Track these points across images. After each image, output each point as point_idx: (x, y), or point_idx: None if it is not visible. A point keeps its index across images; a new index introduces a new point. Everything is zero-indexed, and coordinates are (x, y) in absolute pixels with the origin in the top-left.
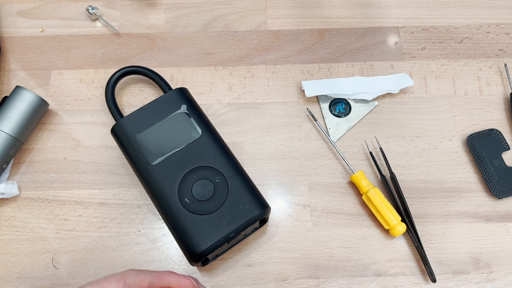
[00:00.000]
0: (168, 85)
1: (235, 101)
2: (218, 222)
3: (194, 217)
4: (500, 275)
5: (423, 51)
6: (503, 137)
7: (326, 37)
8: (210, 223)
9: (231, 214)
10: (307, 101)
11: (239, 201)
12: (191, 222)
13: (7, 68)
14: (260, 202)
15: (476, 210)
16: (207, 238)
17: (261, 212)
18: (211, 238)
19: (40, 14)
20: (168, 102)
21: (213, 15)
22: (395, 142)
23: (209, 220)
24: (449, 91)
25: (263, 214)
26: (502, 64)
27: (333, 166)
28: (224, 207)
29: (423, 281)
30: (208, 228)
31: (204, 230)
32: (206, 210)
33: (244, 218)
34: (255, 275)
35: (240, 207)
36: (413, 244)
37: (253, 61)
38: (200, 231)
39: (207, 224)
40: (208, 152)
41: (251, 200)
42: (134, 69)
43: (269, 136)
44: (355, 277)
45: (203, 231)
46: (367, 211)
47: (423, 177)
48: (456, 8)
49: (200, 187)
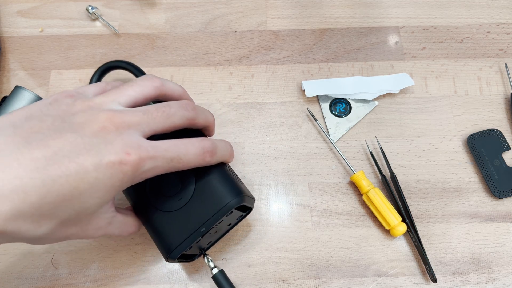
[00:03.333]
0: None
1: (235, 101)
2: (187, 218)
3: (163, 215)
4: (501, 275)
5: (423, 51)
6: (504, 137)
7: (326, 37)
8: (179, 220)
9: (201, 208)
10: (307, 101)
11: (209, 193)
12: (161, 220)
13: (6, 68)
14: (232, 191)
15: (476, 210)
16: (176, 237)
17: (233, 201)
18: (180, 236)
19: (39, 14)
20: None
21: (213, 14)
22: (395, 142)
23: (178, 216)
24: (449, 91)
25: (237, 203)
26: (502, 64)
27: (333, 166)
28: (192, 201)
29: (424, 282)
30: (177, 225)
31: (173, 228)
32: (174, 206)
33: (214, 210)
34: (255, 275)
35: (210, 199)
36: (413, 244)
37: (253, 61)
38: (169, 229)
39: (176, 221)
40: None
41: (222, 190)
42: (112, 64)
43: (269, 136)
44: (355, 277)
45: (172, 229)
46: (367, 211)
47: (423, 177)
48: (457, 8)
49: (167, 182)
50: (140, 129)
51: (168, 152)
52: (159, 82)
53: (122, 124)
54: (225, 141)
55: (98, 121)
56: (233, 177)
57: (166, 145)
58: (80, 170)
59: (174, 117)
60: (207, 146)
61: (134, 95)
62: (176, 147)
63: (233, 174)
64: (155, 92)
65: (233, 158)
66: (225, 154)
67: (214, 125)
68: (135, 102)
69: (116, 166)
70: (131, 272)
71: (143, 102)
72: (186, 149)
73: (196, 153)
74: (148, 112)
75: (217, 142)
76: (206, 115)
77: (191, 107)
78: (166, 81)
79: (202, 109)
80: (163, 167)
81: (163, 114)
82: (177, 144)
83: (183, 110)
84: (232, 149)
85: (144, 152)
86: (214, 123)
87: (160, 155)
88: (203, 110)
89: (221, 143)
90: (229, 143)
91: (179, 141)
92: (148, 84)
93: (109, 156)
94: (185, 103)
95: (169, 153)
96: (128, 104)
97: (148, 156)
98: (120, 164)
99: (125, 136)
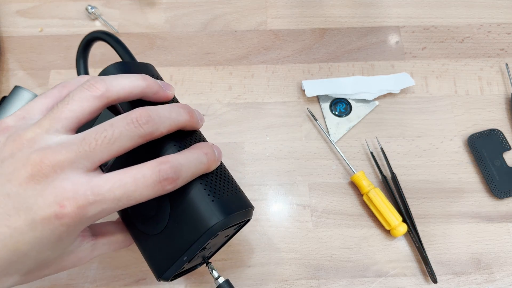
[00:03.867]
0: (132, 56)
1: (235, 101)
2: (168, 244)
3: (145, 237)
4: (501, 275)
5: (424, 51)
6: (504, 137)
7: (326, 37)
8: (161, 245)
9: (180, 234)
10: (307, 101)
11: (186, 216)
12: (144, 242)
13: (6, 68)
14: (215, 211)
15: (477, 210)
16: (162, 262)
17: (216, 226)
18: (166, 262)
19: (39, 14)
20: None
21: (212, 14)
22: (396, 142)
23: (159, 241)
24: (450, 91)
25: (222, 227)
26: (503, 64)
27: (333, 166)
28: (170, 225)
29: (424, 282)
30: (160, 250)
31: (156, 252)
32: (153, 230)
33: (194, 236)
34: (255, 276)
35: (189, 224)
36: (414, 245)
37: (253, 61)
38: (152, 253)
39: (159, 246)
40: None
41: (202, 211)
42: (90, 36)
43: (269, 136)
44: (355, 278)
45: (155, 253)
46: (367, 212)
47: (424, 177)
48: (457, 7)
49: (144, 203)
50: (79, 166)
51: (111, 192)
52: (101, 89)
53: (54, 167)
54: (200, 148)
55: (27, 168)
56: (219, 189)
57: (109, 183)
58: (14, 233)
59: (119, 140)
60: (164, 173)
61: (72, 116)
62: (122, 183)
63: (219, 184)
64: (99, 103)
65: (216, 163)
66: (199, 168)
67: (194, 122)
68: (78, 123)
69: (52, 221)
70: (131, 273)
71: (89, 118)
72: (135, 183)
73: (149, 185)
74: (84, 143)
75: (183, 158)
76: (173, 119)
77: (144, 119)
78: (116, 81)
79: (166, 111)
80: (113, 208)
81: (103, 141)
82: (123, 179)
83: (132, 127)
84: (214, 153)
85: (81, 199)
86: (191, 121)
87: (102, 198)
88: (169, 111)
89: (191, 155)
90: (208, 147)
91: (127, 174)
92: (86, 95)
93: (41, 212)
94: (135, 115)
95: (113, 193)
96: (69, 128)
97: (88, 202)
98: (56, 219)
99: (58, 183)
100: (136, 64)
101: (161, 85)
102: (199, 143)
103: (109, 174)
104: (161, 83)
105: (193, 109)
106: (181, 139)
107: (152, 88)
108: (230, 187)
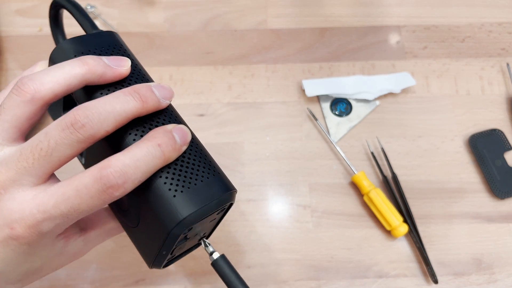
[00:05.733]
0: (94, 25)
1: (235, 100)
2: (147, 237)
3: (128, 228)
4: (502, 276)
5: (425, 50)
6: (506, 137)
7: (327, 36)
8: (142, 237)
9: (153, 229)
10: (307, 101)
11: (153, 214)
12: (129, 233)
13: (5, 67)
14: (176, 211)
15: (478, 210)
16: (147, 252)
17: (180, 225)
18: (150, 253)
19: (38, 13)
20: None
21: (212, 13)
22: (396, 142)
23: (139, 233)
24: (451, 91)
25: (190, 223)
26: (504, 64)
27: (334, 167)
28: (142, 221)
29: (425, 283)
30: (143, 241)
31: (140, 243)
32: (131, 222)
33: (163, 234)
34: (255, 277)
35: (156, 221)
36: (414, 245)
37: (253, 60)
38: (138, 244)
39: (141, 237)
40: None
41: (162, 212)
42: (56, 3)
43: (269, 136)
44: (356, 279)
45: (140, 244)
46: (368, 212)
47: (425, 178)
48: (458, 7)
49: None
50: (23, 183)
51: (57, 208)
52: (29, 91)
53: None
54: (152, 139)
55: None
56: (184, 178)
57: (53, 199)
58: None
59: (57, 151)
60: (107, 180)
61: (9, 126)
62: (65, 197)
63: (185, 172)
64: (33, 107)
65: (178, 151)
66: (153, 164)
67: (150, 106)
68: (20, 131)
69: (9, 241)
70: (130, 273)
71: (30, 123)
72: (79, 196)
73: (93, 196)
74: (22, 159)
75: (128, 158)
76: (118, 112)
77: (79, 123)
78: (47, 76)
79: (108, 104)
80: (67, 222)
81: (40, 154)
82: (66, 192)
83: (68, 134)
84: (172, 139)
85: (30, 219)
86: (145, 107)
87: (49, 216)
88: (111, 104)
89: (139, 152)
90: (163, 135)
91: (69, 186)
92: (16, 102)
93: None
94: (70, 119)
95: (59, 209)
96: (11, 139)
97: (37, 221)
98: (12, 240)
99: (3, 204)
100: (92, 37)
101: (109, 63)
102: (153, 132)
103: (54, 187)
104: (109, 59)
105: (151, 86)
106: (141, 126)
107: (95, 71)
108: (202, 172)
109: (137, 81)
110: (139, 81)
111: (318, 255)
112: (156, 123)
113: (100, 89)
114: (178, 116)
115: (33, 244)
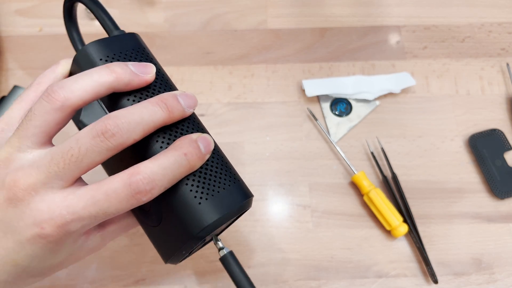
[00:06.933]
0: (115, 24)
1: (235, 100)
2: (167, 238)
3: (146, 227)
4: (502, 276)
5: (424, 50)
6: (505, 137)
7: (327, 36)
8: (161, 236)
9: (173, 232)
10: (307, 101)
11: (176, 219)
12: (147, 230)
13: (5, 67)
14: (200, 217)
15: (478, 210)
16: (167, 250)
17: (203, 231)
18: (169, 251)
19: (38, 13)
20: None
21: (212, 13)
22: (396, 142)
23: (159, 233)
24: (451, 91)
25: (213, 228)
26: (504, 64)
27: (334, 167)
28: (164, 221)
29: (425, 283)
30: (161, 240)
31: (158, 241)
32: (151, 222)
33: (184, 238)
34: (255, 277)
35: (178, 225)
36: (414, 245)
37: (253, 60)
38: (155, 241)
39: (160, 236)
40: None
41: (187, 217)
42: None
43: (269, 136)
44: (356, 279)
45: (157, 242)
46: (368, 212)
47: (425, 178)
48: (458, 6)
49: None
50: (53, 186)
51: (86, 210)
52: (60, 99)
53: (27, 190)
54: (179, 149)
55: (3, 192)
56: (209, 185)
57: (83, 202)
58: (8, 253)
59: (87, 157)
60: (136, 186)
61: (38, 131)
62: (94, 200)
63: (209, 179)
64: (62, 114)
65: (202, 159)
66: (179, 172)
67: (175, 116)
68: (48, 135)
69: (38, 240)
70: (130, 273)
71: (58, 128)
72: (108, 199)
73: (122, 200)
74: (53, 163)
75: (157, 166)
76: (146, 122)
77: (110, 132)
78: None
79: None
80: (94, 222)
81: (71, 160)
82: (95, 196)
83: (98, 142)
84: (198, 149)
85: (59, 220)
86: (171, 117)
87: (78, 217)
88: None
89: (166, 161)
90: (189, 145)
91: (99, 190)
92: (47, 109)
93: (25, 234)
94: (100, 128)
95: (88, 211)
96: (40, 143)
97: (66, 222)
98: (40, 238)
99: (33, 205)
100: (116, 39)
101: (135, 70)
102: (180, 141)
103: (82, 190)
104: (136, 66)
105: (176, 95)
106: (167, 134)
107: (123, 79)
108: (223, 180)
109: (161, 87)
110: (163, 87)
111: (318, 255)
112: (181, 131)
113: (126, 95)
114: (200, 123)
115: (59, 242)
